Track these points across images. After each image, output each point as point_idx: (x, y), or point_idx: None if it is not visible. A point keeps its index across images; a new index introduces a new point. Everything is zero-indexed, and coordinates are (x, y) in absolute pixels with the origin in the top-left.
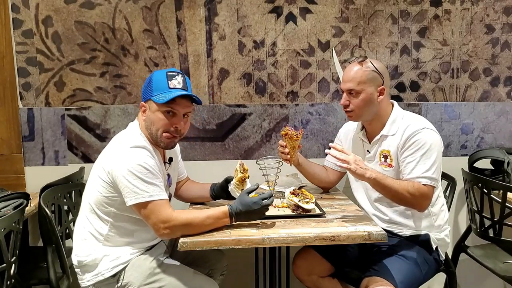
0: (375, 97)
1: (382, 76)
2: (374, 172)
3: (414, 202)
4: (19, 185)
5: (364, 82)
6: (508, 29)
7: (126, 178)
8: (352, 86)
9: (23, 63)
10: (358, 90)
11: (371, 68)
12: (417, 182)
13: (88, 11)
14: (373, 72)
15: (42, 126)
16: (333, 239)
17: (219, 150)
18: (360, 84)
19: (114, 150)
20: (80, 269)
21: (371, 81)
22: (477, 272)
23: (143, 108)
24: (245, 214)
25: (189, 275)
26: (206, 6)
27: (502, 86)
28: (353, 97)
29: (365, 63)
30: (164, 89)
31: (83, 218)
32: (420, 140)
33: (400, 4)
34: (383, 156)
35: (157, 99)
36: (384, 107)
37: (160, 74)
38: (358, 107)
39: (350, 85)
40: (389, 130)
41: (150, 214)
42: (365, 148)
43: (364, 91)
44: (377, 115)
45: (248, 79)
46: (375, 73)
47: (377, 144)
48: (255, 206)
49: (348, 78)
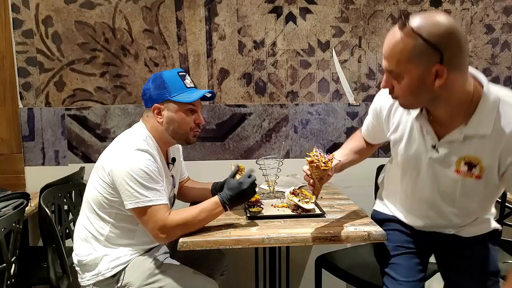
0: (428, 81)
1: (439, 50)
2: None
3: None
4: (19, 185)
5: (406, 60)
6: (508, 29)
7: (126, 182)
8: (390, 66)
9: (23, 63)
10: (398, 72)
11: (417, 40)
12: None
13: (88, 11)
14: (421, 46)
15: (42, 126)
16: (333, 239)
17: (219, 150)
18: (400, 64)
19: (116, 151)
20: (80, 268)
21: (419, 59)
22: None
23: (157, 110)
24: (237, 196)
25: (189, 275)
26: (206, 6)
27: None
28: (395, 80)
29: (409, 31)
30: (182, 88)
31: (84, 218)
32: None
33: (400, 4)
34: (466, 163)
35: (180, 99)
36: (457, 91)
37: (172, 74)
38: (403, 94)
39: (387, 64)
40: (478, 127)
41: (148, 219)
42: (429, 142)
43: (408, 73)
44: (445, 101)
45: (248, 79)
46: (424, 47)
47: (454, 145)
48: (243, 186)
49: (385, 53)
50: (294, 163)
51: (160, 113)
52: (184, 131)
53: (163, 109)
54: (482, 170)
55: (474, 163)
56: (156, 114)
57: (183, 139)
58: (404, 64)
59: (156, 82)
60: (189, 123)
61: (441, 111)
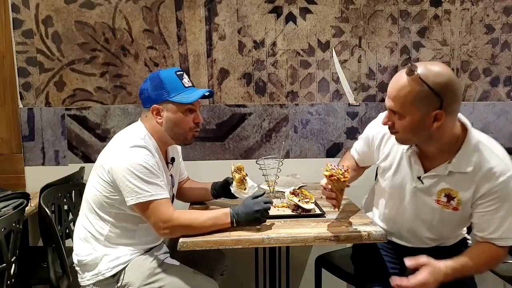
0: (427, 123)
1: (440, 97)
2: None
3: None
4: (19, 185)
5: (410, 103)
6: (508, 29)
7: (126, 178)
8: (394, 107)
9: (23, 63)
10: (402, 113)
11: (423, 86)
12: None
13: (88, 11)
14: (424, 92)
15: (42, 126)
16: (333, 239)
17: (219, 150)
18: (404, 106)
19: (115, 149)
20: (80, 268)
21: (422, 103)
22: None
23: (156, 110)
24: (245, 216)
25: (189, 275)
26: (206, 6)
27: (502, 86)
28: (397, 119)
29: (415, 78)
30: (181, 88)
31: (83, 217)
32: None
33: (400, 4)
34: (445, 195)
35: (180, 99)
36: (447, 131)
37: (170, 74)
38: (403, 131)
39: (391, 104)
40: (460, 165)
41: (151, 213)
42: (415, 173)
43: (409, 115)
44: (436, 141)
45: (248, 79)
46: (428, 93)
47: (438, 178)
48: (256, 206)
49: (391, 94)
50: (294, 163)
51: (159, 114)
52: (183, 131)
53: (162, 110)
54: (460, 203)
55: (453, 196)
56: (155, 115)
57: (181, 140)
58: (409, 106)
59: (154, 82)
60: (188, 123)
61: (431, 148)
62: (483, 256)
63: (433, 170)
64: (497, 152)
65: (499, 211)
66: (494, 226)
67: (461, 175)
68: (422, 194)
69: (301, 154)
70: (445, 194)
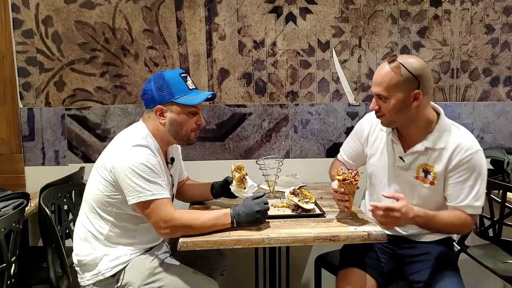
0: (408, 102)
1: (417, 79)
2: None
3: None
4: (19, 185)
5: (393, 86)
6: (508, 29)
7: (128, 177)
8: (380, 90)
9: (23, 63)
10: (387, 95)
11: (402, 70)
12: (463, 213)
13: (88, 11)
14: (404, 75)
15: (42, 126)
16: (333, 239)
17: (219, 150)
18: (389, 89)
19: (116, 148)
20: (80, 268)
21: (403, 86)
22: (477, 272)
23: (159, 111)
24: (245, 216)
25: (189, 275)
26: (206, 6)
27: (502, 86)
28: (382, 102)
29: (397, 66)
30: (185, 90)
31: (84, 217)
32: (472, 165)
33: (400, 4)
34: (423, 171)
35: (185, 101)
36: (424, 113)
37: (174, 76)
38: (388, 112)
39: (378, 89)
40: (435, 142)
41: (152, 213)
42: (397, 154)
43: (394, 96)
44: (415, 121)
45: (248, 79)
46: (407, 76)
47: (416, 155)
48: (256, 207)
49: (376, 81)
50: (294, 163)
51: (163, 115)
52: (186, 132)
53: (166, 111)
54: (435, 177)
55: (429, 170)
56: (158, 116)
57: (184, 140)
58: (393, 88)
59: (159, 83)
60: (191, 125)
61: (410, 130)
62: (453, 218)
63: (412, 148)
64: (466, 133)
65: (467, 181)
66: (464, 195)
67: (435, 151)
68: (404, 172)
69: (301, 154)
70: (423, 169)
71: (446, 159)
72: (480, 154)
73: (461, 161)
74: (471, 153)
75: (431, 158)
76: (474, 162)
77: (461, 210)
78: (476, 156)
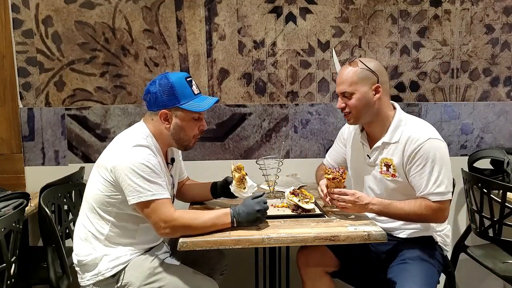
0: (370, 95)
1: (375, 74)
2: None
3: (428, 219)
4: (19, 185)
5: (356, 82)
6: (508, 29)
7: (128, 177)
8: (345, 88)
9: (23, 63)
10: (351, 91)
11: (361, 67)
12: (427, 200)
13: (88, 11)
14: (364, 71)
15: (42, 126)
16: (333, 239)
17: (219, 150)
18: (352, 85)
19: (117, 149)
20: (80, 268)
21: (364, 80)
22: (476, 272)
23: (164, 116)
24: (246, 216)
25: (189, 275)
26: (206, 6)
27: (502, 86)
28: (347, 99)
29: (355, 63)
30: (190, 96)
31: (84, 217)
32: (425, 153)
33: (400, 4)
34: (384, 165)
35: (190, 107)
36: (384, 108)
37: (180, 80)
38: (354, 108)
39: (342, 87)
40: (391, 137)
41: (152, 213)
42: (366, 153)
43: (357, 91)
44: (377, 116)
45: (248, 79)
46: (367, 72)
47: (378, 151)
48: (256, 206)
49: (340, 81)
50: (294, 163)
51: (168, 119)
52: (188, 137)
53: (171, 116)
54: (395, 170)
55: (389, 163)
56: (163, 120)
57: (184, 145)
58: (355, 84)
59: (164, 87)
60: (193, 130)
61: (373, 127)
62: (413, 205)
63: (374, 145)
64: (418, 125)
65: (424, 170)
66: (424, 184)
67: (392, 145)
68: (372, 168)
69: (301, 154)
70: (385, 164)
71: (400, 152)
72: (431, 142)
73: (413, 152)
74: (420, 143)
75: (389, 152)
76: (426, 150)
77: (426, 199)
78: (427, 144)
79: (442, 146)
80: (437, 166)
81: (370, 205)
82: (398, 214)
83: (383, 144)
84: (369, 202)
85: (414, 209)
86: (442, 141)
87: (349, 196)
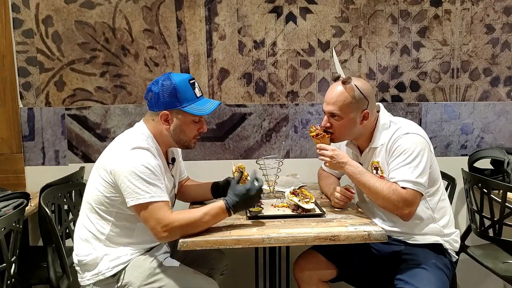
0: (357, 121)
1: (367, 99)
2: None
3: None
4: (19, 184)
5: (347, 106)
6: (508, 29)
7: (128, 179)
8: (334, 110)
9: (23, 63)
10: (340, 115)
11: (355, 91)
12: (395, 184)
13: (88, 11)
14: (357, 96)
15: (42, 125)
16: (333, 239)
17: (219, 150)
18: (342, 109)
19: (117, 150)
20: (80, 268)
21: (355, 105)
22: (477, 272)
23: (165, 117)
24: (243, 202)
25: (189, 275)
26: (206, 6)
27: (502, 86)
28: (334, 120)
29: (349, 85)
30: (193, 99)
31: (84, 217)
32: (401, 145)
33: (400, 4)
34: (374, 168)
35: (192, 111)
36: (368, 126)
37: (183, 82)
38: (338, 130)
39: (332, 108)
40: (377, 142)
41: (149, 216)
42: (359, 160)
43: (346, 116)
44: (362, 134)
45: (248, 79)
46: (360, 97)
47: (367, 156)
48: (251, 192)
49: (330, 100)
50: (294, 163)
51: (168, 121)
52: (188, 138)
53: (172, 117)
54: (382, 171)
55: (377, 166)
56: (164, 121)
57: (184, 145)
58: (346, 108)
59: (167, 89)
60: (193, 132)
61: (358, 140)
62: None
63: (363, 152)
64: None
65: (399, 159)
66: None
67: (377, 148)
68: None
69: (301, 154)
70: (374, 167)
71: (384, 152)
72: (409, 137)
73: (392, 147)
74: (398, 136)
75: (375, 155)
76: (403, 142)
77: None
78: (405, 138)
79: (420, 140)
80: (412, 156)
81: (347, 165)
82: (368, 185)
83: (371, 150)
84: (346, 161)
85: (383, 189)
86: (421, 136)
87: (329, 151)
